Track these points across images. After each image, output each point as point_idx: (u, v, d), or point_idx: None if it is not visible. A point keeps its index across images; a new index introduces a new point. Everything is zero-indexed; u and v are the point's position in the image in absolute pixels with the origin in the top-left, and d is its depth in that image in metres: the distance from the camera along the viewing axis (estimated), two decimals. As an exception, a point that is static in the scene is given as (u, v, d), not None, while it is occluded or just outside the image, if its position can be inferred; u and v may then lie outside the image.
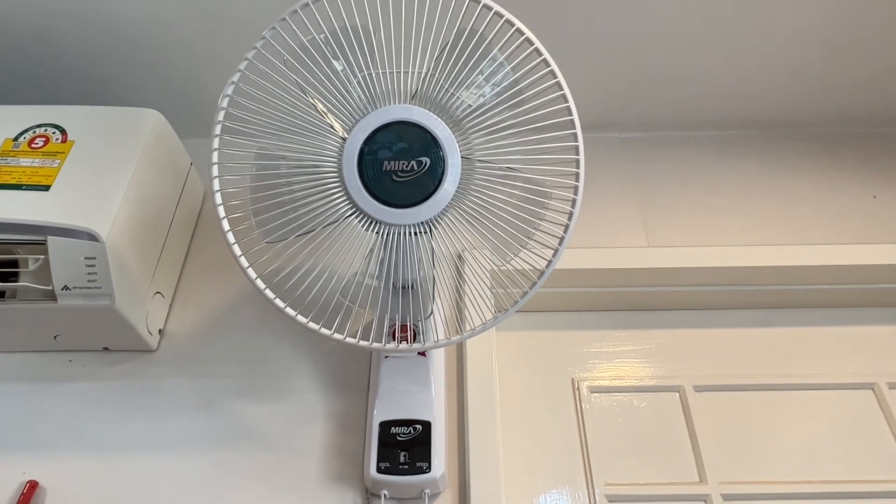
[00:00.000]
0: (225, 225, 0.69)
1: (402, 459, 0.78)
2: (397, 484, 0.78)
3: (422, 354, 0.84)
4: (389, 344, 0.75)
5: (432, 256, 0.71)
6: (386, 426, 0.80)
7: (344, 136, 0.67)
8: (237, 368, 0.92)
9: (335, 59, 0.67)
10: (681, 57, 1.09)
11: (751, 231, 1.05)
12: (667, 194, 1.10)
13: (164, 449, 0.86)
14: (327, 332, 0.71)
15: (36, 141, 0.88)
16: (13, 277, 0.82)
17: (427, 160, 0.66)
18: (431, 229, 0.69)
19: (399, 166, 0.66)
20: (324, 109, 0.68)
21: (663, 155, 1.16)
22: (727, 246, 1.01)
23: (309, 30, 0.67)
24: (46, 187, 0.83)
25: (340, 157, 0.67)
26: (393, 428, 0.80)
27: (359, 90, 0.67)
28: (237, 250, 0.69)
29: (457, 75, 0.67)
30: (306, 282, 0.69)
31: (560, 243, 0.68)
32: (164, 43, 1.06)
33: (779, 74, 1.11)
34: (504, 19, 0.66)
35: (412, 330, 0.79)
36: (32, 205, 0.81)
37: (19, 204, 0.81)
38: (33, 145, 0.88)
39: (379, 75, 0.67)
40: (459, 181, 0.67)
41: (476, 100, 0.67)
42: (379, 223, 0.68)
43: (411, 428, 0.80)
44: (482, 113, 0.67)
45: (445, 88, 0.67)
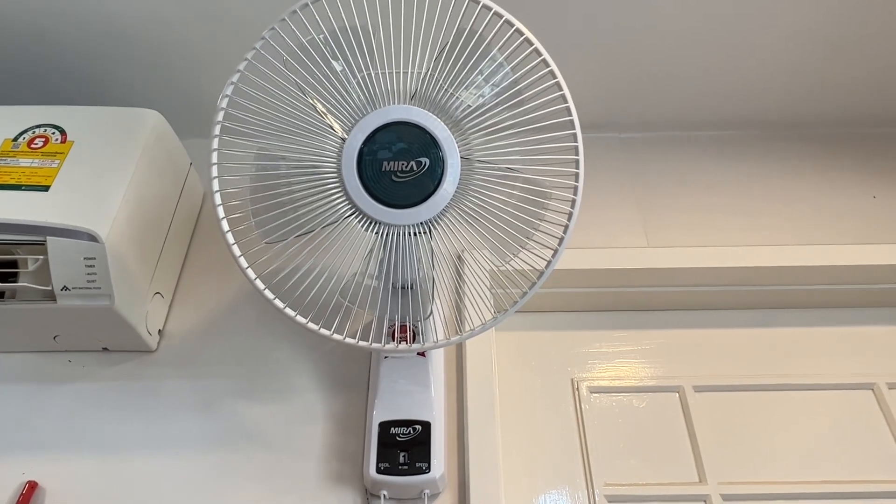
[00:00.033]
0: (224, 225, 0.69)
1: (402, 460, 0.78)
2: (397, 484, 0.78)
3: (421, 355, 0.84)
4: (389, 344, 0.75)
5: (432, 257, 0.70)
6: (385, 426, 0.80)
7: (343, 137, 0.67)
8: (237, 369, 0.92)
9: (334, 60, 0.67)
10: (681, 56, 1.09)
11: (750, 231, 1.05)
12: (666, 194, 1.10)
13: (164, 449, 0.86)
14: (327, 333, 0.71)
15: (35, 141, 0.88)
16: (12, 278, 0.82)
17: (426, 160, 0.66)
18: (431, 230, 0.69)
19: (398, 167, 0.66)
20: (323, 110, 0.68)
21: (663, 155, 1.16)
22: (727, 246, 1.01)
23: (308, 30, 0.67)
24: (46, 188, 0.83)
25: (340, 158, 0.67)
26: (392, 428, 0.80)
27: (358, 90, 0.67)
28: (237, 251, 0.69)
29: (456, 76, 0.67)
30: (306, 282, 0.69)
31: (559, 244, 0.68)
32: (164, 43, 1.06)
33: (779, 74, 1.11)
34: (503, 19, 0.66)
35: (412, 330, 0.79)
36: (32, 205, 0.81)
37: (19, 204, 0.81)
38: (33, 146, 0.88)
39: (378, 76, 0.67)
40: (459, 181, 0.67)
41: (475, 100, 0.67)
42: (378, 223, 0.68)
43: (411, 428, 0.80)
44: (482, 113, 0.67)
45: (445, 89, 0.67)
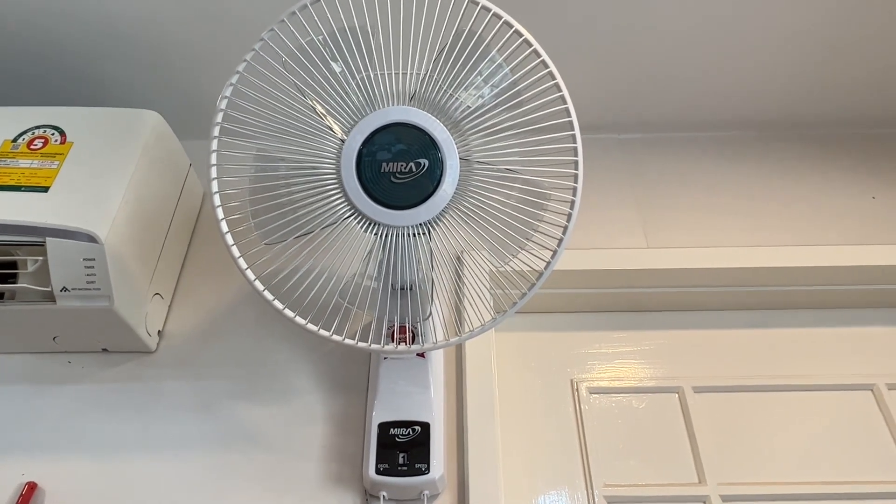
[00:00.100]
0: (224, 226, 0.69)
1: (401, 461, 0.78)
2: (396, 485, 0.78)
3: (421, 356, 0.84)
4: (388, 345, 0.75)
5: (431, 258, 0.70)
6: (385, 427, 0.80)
7: (342, 138, 0.67)
8: (236, 370, 0.92)
9: (334, 61, 0.67)
10: (680, 57, 1.09)
11: (750, 232, 1.05)
12: (666, 195, 1.10)
13: (164, 450, 0.85)
14: (326, 334, 0.71)
15: (35, 142, 0.88)
16: (12, 279, 0.81)
17: (425, 162, 0.66)
18: (430, 231, 0.69)
19: (397, 168, 0.66)
20: (322, 111, 0.68)
21: (662, 156, 1.16)
22: (726, 247, 1.01)
23: (307, 31, 0.67)
24: (45, 189, 0.83)
25: (339, 159, 0.67)
26: (392, 429, 0.80)
27: (357, 92, 0.67)
28: (236, 252, 0.69)
29: (455, 77, 0.67)
30: (305, 283, 0.69)
31: (559, 244, 0.68)
32: (164, 43, 1.06)
33: (779, 74, 1.11)
34: (503, 20, 0.66)
35: (411, 331, 0.79)
36: (31, 206, 0.81)
37: (18, 205, 0.81)
38: (32, 146, 0.88)
39: (377, 77, 0.67)
40: (458, 182, 0.67)
41: (475, 101, 0.67)
42: (378, 224, 0.68)
43: (410, 429, 0.80)
44: (481, 114, 0.67)
45: (444, 90, 0.67)
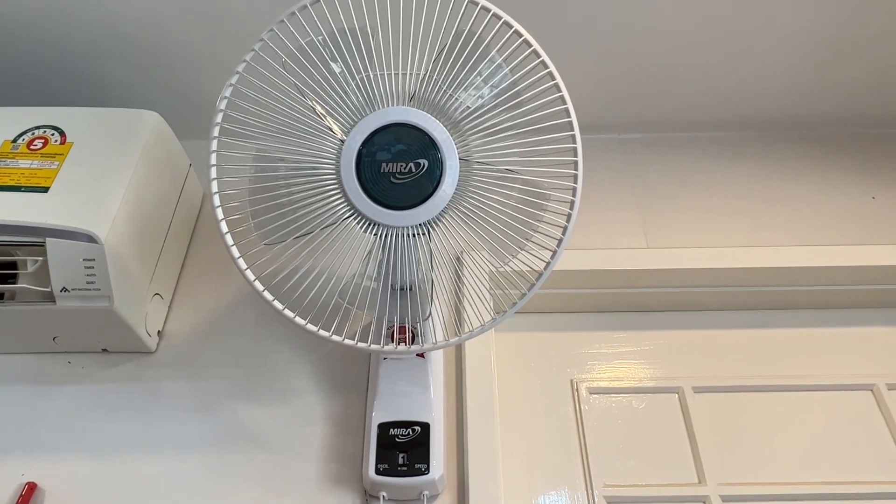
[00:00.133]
0: (223, 227, 0.69)
1: (401, 461, 0.78)
2: (396, 486, 0.78)
3: (420, 356, 0.84)
4: (388, 346, 0.75)
5: (431, 258, 0.70)
6: (385, 428, 0.80)
7: (342, 138, 0.67)
8: (236, 370, 0.92)
9: (333, 62, 0.67)
10: (680, 57, 1.09)
11: (750, 232, 1.05)
12: (666, 195, 1.10)
13: (164, 450, 0.86)
14: (326, 334, 0.71)
15: (35, 143, 0.88)
16: (12, 279, 0.81)
17: (425, 162, 0.66)
18: (430, 231, 0.69)
19: (397, 168, 0.66)
20: (322, 111, 0.68)
21: (662, 156, 1.16)
22: (726, 247, 1.01)
23: (307, 32, 0.67)
24: (45, 189, 0.83)
25: (339, 159, 0.67)
26: (392, 429, 0.80)
27: (357, 92, 0.67)
28: (236, 252, 0.69)
29: (455, 77, 0.67)
30: (305, 283, 0.69)
31: (558, 245, 0.68)
32: (164, 43, 1.06)
33: (779, 74, 1.11)
34: (502, 21, 0.66)
35: (411, 331, 0.79)
36: (31, 206, 0.81)
37: (18, 205, 0.81)
38: (32, 147, 0.88)
39: (377, 77, 0.67)
40: (458, 183, 0.67)
41: (474, 101, 0.67)
42: (377, 225, 0.68)
43: (410, 429, 0.80)
44: (480, 115, 0.67)
45: (444, 90, 0.67)
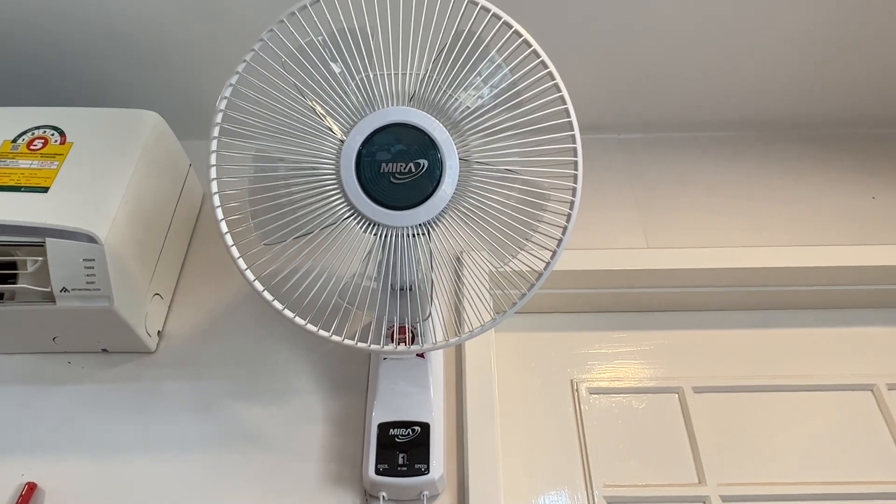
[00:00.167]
0: (223, 227, 0.69)
1: (401, 461, 0.78)
2: (396, 486, 0.78)
3: (420, 356, 0.84)
4: (388, 346, 0.75)
5: (430, 258, 0.70)
6: (385, 428, 0.80)
7: (342, 139, 0.67)
8: (236, 370, 0.92)
9: (333, 62, 0.67)
10: (680, 57, 1.09)
11: (750, 232, 1.05)
12: (666, 195, 1.10)
13: (163, 451, 0.86)
14: (326, 334, 0.71)
15: (35, 143, 0.88)
16: (12, 279, 0.81)
17: (425, 162, 0.66)
18: (430, 231, 0.69)
19: (397, 168, 0.66)
20: (322, 112, 0.68)
21: (662, 156, 1.16)
22: (726, 247, 1.01)
23: (307, 32, 0.67)
24: (45, 189, 0.83)
25: (338, 159, 0.67)
26: (392, 430, 0.80)
27: (357, 92, 0.67)
28: (235, 252, 0.69)
29: (455, 77, 0.67)
30: (305, 283, 0.69)
31: (558, 245, 0.68)
32: (164, 43, 1.06)
33: (779, 74, 1.11)
34: (502, 21, 0.66)
35: (411, 332, 0.79)
36: (31, 206, 0.81)
37: (18, 206, 0.81)
38: (32, 147, 0.88)
39: (377, 77, 0.67)
40: (457, 183, 0.67)
41: (474, 101, 0.67)
42: (377, 225, 0.68)
43: (410, 430, 0.80)
44: (480, 115, 0.67)
45: (443, 90, 0.67)
